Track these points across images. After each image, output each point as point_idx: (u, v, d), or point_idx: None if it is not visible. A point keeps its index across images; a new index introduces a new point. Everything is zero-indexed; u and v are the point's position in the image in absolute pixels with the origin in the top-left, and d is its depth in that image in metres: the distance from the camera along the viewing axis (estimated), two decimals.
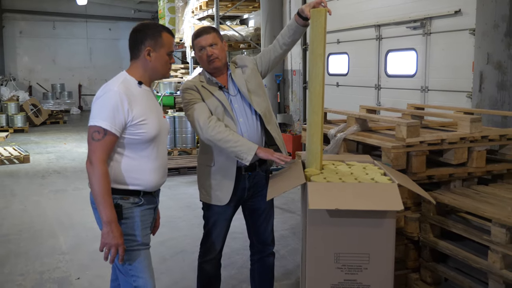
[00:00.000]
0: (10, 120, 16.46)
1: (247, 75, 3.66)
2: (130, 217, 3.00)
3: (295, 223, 6.57)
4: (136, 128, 2.93)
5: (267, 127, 3.62)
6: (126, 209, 2.98)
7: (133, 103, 2.92)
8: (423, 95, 7.75)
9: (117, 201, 2.96)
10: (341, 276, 2.90)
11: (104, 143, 2.85)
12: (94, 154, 2.84)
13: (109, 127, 2.84)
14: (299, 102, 11.50)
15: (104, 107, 2.88)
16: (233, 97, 3.60)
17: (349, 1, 9.62)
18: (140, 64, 3.05)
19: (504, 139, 4.19)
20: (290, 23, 3.58)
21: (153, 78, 3.13)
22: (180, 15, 15.81)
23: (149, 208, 3.11)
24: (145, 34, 3.02)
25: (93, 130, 2.86)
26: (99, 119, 2.86)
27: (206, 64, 3.57)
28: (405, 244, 3.97)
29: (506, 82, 5.71)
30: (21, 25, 23.22)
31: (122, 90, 2.90)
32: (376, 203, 2.81)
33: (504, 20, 5.65)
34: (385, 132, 4.44)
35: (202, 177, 3.68)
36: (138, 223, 3.02)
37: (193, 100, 3.53)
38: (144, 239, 3.06)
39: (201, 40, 3.53)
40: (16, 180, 9.51)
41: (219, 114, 3.52)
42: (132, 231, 3.00)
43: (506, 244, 3.19)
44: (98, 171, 2.83)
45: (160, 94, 12.30)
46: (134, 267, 3.02)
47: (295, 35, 3.60)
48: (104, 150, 2.85)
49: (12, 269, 5.24)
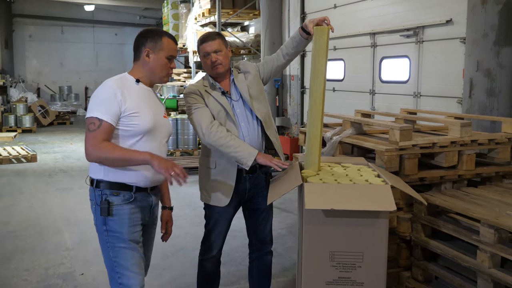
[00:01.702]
0: (19, 121, 16.45)
1: (249, 81, 3.65)
2: (118, 214, 2.97)
3: (292, 222, 6.57)
4: (128, 120, 2.91)
5: (267, 132, 3.62)
6: (116, 206, 2.96)
7: (127, 95, 2.92)
8: (415, 100, 7.75)
9: (107, 197, 2.95)
10: (336, 273, 2.90)
11: (100, 130, 2.84)
12: (92, 141, 2.84)
13: (103, 117, 2.84)
14: (296, 106, 11.50)
15: (98, 99, 2.92)
16: (235, 102, 3.59)
17: (346, 9, 9.63)
18: (139, 65, 3.08)
19: (492, 143, 4.20)
20: (294, 35, 3.56)
21: (151, 80, 3.11)
22: (183, 21, 15.83)
23: (142, 206, 3.07)
24: (147, 37, 3.05)
25: (89, 122, 2.88)
26: (94, 110, 2.88)
27: (210, 69, 3.56)
28: (398, 243, 3.97)
29: (494, 89, 5.71)
30: (30, 29, 23.24)
31: (115, 84, 2.94)
32: (369, 204, 2.81)
33: (493, 30, 5.66)
34: (379, 135, 4.44)
35: (203, 178, 3.67)
36: (126, 221, 2.99)
37: (196, 105, 3.51)
38: (131, 237, 3.01)
39: (206, 46, 3.51)
40: (23, 179, 9.50)
41: (221, 118, 3.51)
42: (120, 228, 2.97)
43: (494, 244, 3.19)
44: (104, 146, 2.83)
45: (163, 97, 12.29)
46: (118, 264, 2.98)
47: (298, 47, 3.60)
48: (101, 135, 2.84)
49: (18, 265, 5.23)
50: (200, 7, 13.93)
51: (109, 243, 2.99)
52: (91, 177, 3.06)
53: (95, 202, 3.00)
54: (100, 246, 3.06)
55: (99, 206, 2.97)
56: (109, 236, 2.98)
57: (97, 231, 3.05)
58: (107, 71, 23.31)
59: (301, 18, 11.13)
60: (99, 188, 2.99)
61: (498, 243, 3.20)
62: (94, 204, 3.01)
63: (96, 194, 3.00)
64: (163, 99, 12.13)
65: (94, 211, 3.02)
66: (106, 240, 3.00)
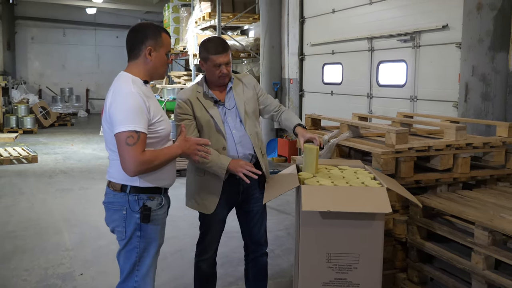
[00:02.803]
0: (20, 122, 16.43)
1: (248, 97, 3.64)
2: (155, 220, 2.94)
3: (290, 224, 6.56)
4: (156, 126, 2.86)
5: (255, 148, 3.61)
6: (153, 211, 2.91)
7: (149, 102, 2.83)
8: (412, 104, 7.76)
9: (145, 202, 2.89)
10: (332, 275, 2.91)
11: (139, 144, 2.71)
12: (134, 157, 2.69)
13: (141, 129, 2.71)
14: (295, 109, 11.51)
15: (128, 110, 2.73)
16: (228, 110, 3.57)
17: (344, 14, 9.65)
18: (140, 63, 2.94)
19: (487, 147, 4.20)
20: (288, 124, 3.71)
21: (152, 77, 3.02)
22: (184, 25, 15.84)
23: (167, 209, 3.09)
24: (146, 34, 2.93)
25: (127, 136, 2.69)
26: (130, 123, 2.70)
27: (215, 78, 3.51)
28: (394, 245, 3.97)
29: (489, 93, 5.73)
30: (33, 31, 23.26)
31: (137, 91, 2.79)
32: (365, 206, 2.81)
33: (488, 35, 5.68)
34: (375, 138, 4.44)
35: (191, 185, 3.67)
36: (160, 226, 2.99)
37: (181, 116, 3.50)
38: (161, 240, 3.03)
39: (220, 58, 3.46)
40: (24, 179, 9.49)
41: (210, 128, 3.50)
42: (154, 233, 2.95)
43: (488, 246, 3.19)
44: (147, 160, 2.73)
45: (163, 99, 12.29)
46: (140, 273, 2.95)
47: (285, 128, 3.79)
48: (142, 148, 2.72)
49: (18, 265, 5.22)
50: (200, 11, 13.95)
51: (138, 248, 2.92)
52: (120, 183, 2.92)
53: (129, 208, 2.89)
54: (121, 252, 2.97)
55: (136, 212, 2.88)
56: (141, 242, 2.92)
57: (122, 237, 2.93)
58: (108, 73, 23.31)
59: (300, 22, 11.16)
60: (134, 193, 2.89)
61: (492, 245, 3.20)
62: (126, 210, 2.89)
63: (130, 200, 2.89)
64: (163, 101, 12.13)
65: (124, 218, 2.90)
66: (137, 246, 2.92)
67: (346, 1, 9.49)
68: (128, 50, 2.99)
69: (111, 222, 2.97)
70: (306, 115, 5.22)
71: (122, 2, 21.28)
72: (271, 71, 11.99)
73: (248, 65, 14.93)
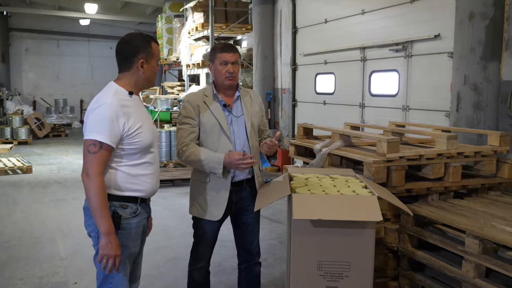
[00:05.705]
0: (15, 133, 16.38)
1: (254, 111, 3.68)
2: (126, 227, 2.94)
3: (282, 233, 6.56)
4: (133, 138, 2.88)
5: None
6: (124, 219, 2.92)
7: (127, 114, 2.85)
8: (404, 113, 7.79)
9: (116, 210, 2.90)
10: (323, 283, 2.91)
11: (100, 155, 2.78)
12: (90, 167, 2.77)
13: (104, 140, 2.77)
14: (288, 118, 11.53)
15: (99, 120, 2.80)
16: (235, 118, 3.59)
17: (336, 24, 9.70)
18: (131, 75, 2.96)
19: (478, 156, 4.23)
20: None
21: (143, 87, 3.05)
22: (177, 35, 15.90)
23: (144, 218, 3.06)
24: (137, 46, 2.94)
25: (89, 143, 2.79)
26: (95, 132, 2.78)
27: (222, 78, 3.52)
28: (385, 253, 3.98)
29: (481, 102, 5.76)
30: (27, 43, 23.29)
31: (115, 103, 2.82)
32: (356, 214, 2.83)
33: (480, 44, 5.72)
34: (367, 147, 4.46)
35: (196, 192, 3.64)
36: (132, 235, 2.98)
37: (184, 119, 3.53)
38: (134, 250, 3.02)
39: (227, 55, 3.49)
40: (18, 190, 9.45)
41: (215, 132, 3.51)
42: (126, 242, 2.94)
43: (479, 254, 3.21)
44: (95, 183, 2.77)
45: (157, 109, 12.29)
46: (115, 276, 2.94)
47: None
48: (100, 162, 2.79)
49: (13, 274, 5.20)
50: (193, 22, 14.00)
51: None
52: None
53: None
54: (96, 257, 2.98)
55: None
56: None
57: (95, 242, 2.95)
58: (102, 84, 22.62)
59: (293, 33, 11.20)
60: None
61: (483, 254, 3.22)
62: None
63: None
64: (156, 112, 12.13)
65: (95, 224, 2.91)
66: None
67: (339, 11, 9.55)
68: (118, 62, 3.00)
69: (87, 227, 2.99)
70: (298, 124, 5.23)
71: (115, 13, 21.35)
72: (264, 81, 12.01)
73: (241, 75, 14.95)
